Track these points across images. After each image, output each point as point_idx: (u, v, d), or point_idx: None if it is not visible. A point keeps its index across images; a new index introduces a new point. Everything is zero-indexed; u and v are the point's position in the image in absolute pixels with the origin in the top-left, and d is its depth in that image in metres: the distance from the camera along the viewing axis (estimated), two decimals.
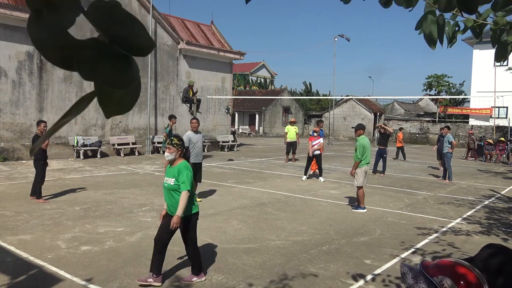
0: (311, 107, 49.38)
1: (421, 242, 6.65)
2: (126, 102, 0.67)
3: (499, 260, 1.35)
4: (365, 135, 9.05)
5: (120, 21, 0.60)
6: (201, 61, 22.47)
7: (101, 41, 0.61)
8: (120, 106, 0.67)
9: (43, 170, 8.66)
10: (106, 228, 6.88)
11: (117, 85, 0.63)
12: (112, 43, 0.61)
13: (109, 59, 0.61)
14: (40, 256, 5.43)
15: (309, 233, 6.95)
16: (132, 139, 19.02)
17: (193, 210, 4.76)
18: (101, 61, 0.60)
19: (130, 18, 0.61)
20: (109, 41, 0.61)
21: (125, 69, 0.62)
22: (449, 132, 13.64)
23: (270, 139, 35.65)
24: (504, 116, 30.42)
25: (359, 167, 8.67)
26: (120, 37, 0.61)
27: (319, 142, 12.88)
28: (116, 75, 0.61)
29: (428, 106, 51.31)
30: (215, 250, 5.93)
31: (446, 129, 13.94)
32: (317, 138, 12.97)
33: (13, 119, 15.37)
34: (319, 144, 12.84)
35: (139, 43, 0.62)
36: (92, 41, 0.61)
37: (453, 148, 13.41)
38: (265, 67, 62.65)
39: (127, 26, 0.61)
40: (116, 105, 0.67)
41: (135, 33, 0.61)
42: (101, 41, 0.61)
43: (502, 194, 11.52)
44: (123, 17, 0.60)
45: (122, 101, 0.66)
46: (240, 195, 10.01)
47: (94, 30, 0.60)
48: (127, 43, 0.61)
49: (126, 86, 0.63)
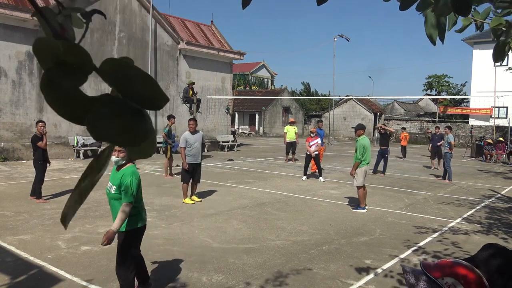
0: (311, 107, 49.39)
1: (421, 242, 6.65)
2: (147, 149, 0.71)
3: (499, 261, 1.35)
4: (365, 135, 9.04)
5: (133, 76, 0.60)
6: (201, 61, 22.47)
7: (114, 96, 0.61)
8: (143, 153, 0.71)
9: (43, 170, 8.66)
10: (106, 228, 6.84)
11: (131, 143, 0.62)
12: (125, 98, 0.61)
13: (122, 115, 0.60)
14: (40, 256, 5.43)
15: (309, 233, 6.95)
16: None
17: (137, 225, 4.15)
18: (115, 117, 0.59)
19: (143, 74, 0.61)
20: (122, 96, 0.61)
21: (138, 124, 0.61)
22: (449, 133, 13.63)
23: (270, 139, 35.65)
24: (504, 116, 30.40)
25: (359, 167, 8.66)
26: (133, 91, 0.61)
27: (316, 142, 12.90)
28: (129, 131, 0.61)
29: (428, 106, 51.30)
30: (215, 250, 5.93)
31: (437, 129, 13.97)
32: (314, 139, 12.98)
33: (13, 119, 15.37)
34: (316, 144, 12.86)
35: (153, 97, 0.62)
36: (105, 96, 0.61)
37: (452, 149, 13.40)
38: (265, 67, 62.66)
39: (140, 81, 0.61)
40: (138, 153, 0.71)
41: (148, 88, 0.61)
42: (114, 97, 0.61)
43: (502, 194, 11.52)
44: (136, 73, 0.60)
45: (144, 148, 0.70)
46: (240, 195, 10.01)
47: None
48: (140, 98, 0.61)
49: (141, 142, 0.62)
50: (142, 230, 4.27)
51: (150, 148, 0.70)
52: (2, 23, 14.80)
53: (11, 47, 15.18)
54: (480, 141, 23.54)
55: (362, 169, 8.65)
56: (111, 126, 0.59)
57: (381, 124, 16.30)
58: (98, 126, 0.59)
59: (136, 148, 0.69)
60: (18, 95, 15.48)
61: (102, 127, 0.59)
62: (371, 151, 8.96)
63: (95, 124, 0.59)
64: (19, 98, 15.50)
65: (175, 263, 5.34)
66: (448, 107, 38.02)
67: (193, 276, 4.94)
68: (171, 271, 5.07)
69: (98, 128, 0.59)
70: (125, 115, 0.60)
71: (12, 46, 15.21)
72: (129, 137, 0.61)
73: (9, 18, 14.75)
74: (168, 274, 4.96)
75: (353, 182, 8.96)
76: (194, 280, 4.82)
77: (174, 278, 4.88)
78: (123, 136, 0.60)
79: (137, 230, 4.19)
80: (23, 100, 15.61)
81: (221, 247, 6.05)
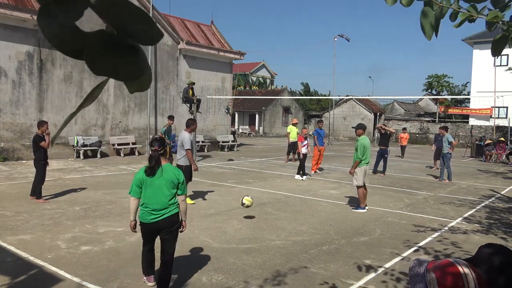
0: (311, 107, 49.41)
1: (421, 242, 6.65)
2: (144, 82, 0.72)
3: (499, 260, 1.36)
4: (365, 135, 9.05)
5: (127, 12, 0.60)
6: (201, 61, 22.47)
7: (109, 32, 0.61)
8: (141, 86, 0.72)
9: (43, 170, 8.65)
10: (106, 228, 6.88)
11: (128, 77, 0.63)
12: (120, 34, 0.61)
13: (118, 50, 0.61)
14: (40, 256, 5.43)
15: (309, 233, 6.95)
16: (132, 139, 19.01)
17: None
18: (109, 52, 0.60)
19: (137, 9, 0.61)
20: (117, 31, 0.62)
21: (133, 59, 0.62)
22: (446, 133, 13.65)
23: (270, 139, 35.65)
24: (504, 116, 30.41)
25: (359, 167, 8.66)
26: (127, 27, 0.61)
27: (307, 144, 13.12)
28: (126, 66, 0.62)
29: (428, 106, 51.33)
30: (215, 250, 5.93)
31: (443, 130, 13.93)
32: (304, 140, 13.12)
33: (13, 119, 15.36)
34: (306, 147, 13.10)
35: (147, 32, 0.63)
36: (100, 33, 0.61)
37: (453, 149, 13.40)
38: (265, 67, 62.68)
39: (134, 17, 0.61)
40: (137, 86, 0.72)
41: (143, 23, 0.62)
42: (109, 33, 0.61)
43: (502, 194, 11.52)
44: (129, 8, 0.60)
45: (142, 82, 0.71)
46: (240, 195, 9.98)
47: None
48: (134, 33, 0.62)
49: (138, 76, 0.63)
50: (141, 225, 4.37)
51: (148, 81, 0.72)
52: (2, 23, 14.80)
53: (11, 47, 15.18)
54: (480, 141, 23.54)
55: (361, 168, 8.65)
56: (108, 61, 0.61)
57: (381, 124, 16.31)
58: (95, 61, 0.60)
59: (135, 82, 0.70)
60: (18, 95, 15.48)
61: (99, 61, 0.60)
62: (371, 151, 8.96)
63: (92, 59, 0.60)
64: (19, 98, 15.50)
65: (175, 263, 5.33)
66: (448, 107, 38.04)
67: (193, 276, 4.94)
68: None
69: (95, 63, 0.60)
70: (120, 50, 0.61)
71: (12, 46, 15.20)
72: (125, 70, 0.62)
73: (9, 18, 14.75)
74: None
75: (352, 182, 8.96)
76: (194, 280, 4.82)
77: (174, 278, 4.88)
78: (120, 70, 0.62)
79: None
80: (23, 100, 15.61)
81: (221, 247, 6.05)
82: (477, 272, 1.34)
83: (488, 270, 1.36)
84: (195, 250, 5.86)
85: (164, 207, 4.21)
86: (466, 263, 1.37)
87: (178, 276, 4.93)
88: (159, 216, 4.19)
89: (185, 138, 8.34)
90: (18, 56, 15.42)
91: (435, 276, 1.35)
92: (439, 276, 1.35)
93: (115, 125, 18.75)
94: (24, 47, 15.49)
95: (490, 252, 1.39)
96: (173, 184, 4.24)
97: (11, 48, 15.19)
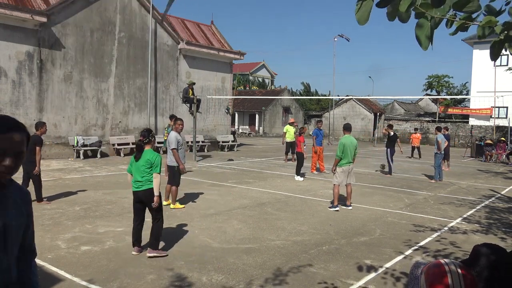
0: (311, 107, 49.41)
1: (421, 241, 6.65)
2: None
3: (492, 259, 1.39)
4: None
5: None
6: (201, 61, 22.48)
7: None
8: None
9: (38, 176, 8.46)
10: (106, 228, 6.88)
11: None
12: None
13: None
14: (40, 256, 5.42)
15: (309, 233, 6.95)
16: (132, 139, 19.00)
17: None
18: None
19: None
20: None
21: None
22: (439, 133, 13.69)
23: (270, 139, 35.65)
24: (504, 116, 30.43)
25: (339, 166, 8.75)
26: None
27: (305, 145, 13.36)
28: None
29: (428, 106, 51.34)
30: (215, 250, 5.93)
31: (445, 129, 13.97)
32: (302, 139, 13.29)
33: None
34: (305, 147, 13.33)
35: None
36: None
37: (440, 149, 13.35)
38: (265, 67, 62.71)
39: None
40: None
41: None
42: None
43: (502, 194, 11.52)
44: None
45: None
46: (240, 195, 10.01)
47: None
48: None
49: None
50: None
51: None
52: (2, 23, 14.81)
53: (11, 47, 15.18)
54: (480, 141, 23.54)
55: (342, 168, 8.74)
56: None
57: (385, 128, 16.38)
58: None
59: None
60: (18, 95, 15.48)
61: None
62: (356, 151, 8.90)
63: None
64: (19, 98, 15.50)
65: (175, 263, 5.34)
66: (448, 107, 38.05)
67: (193, 276, 4.94)
68: (171, 271, 5.07)
69: None
70: None
71: (12, 46, 15.21)
72: None
73: (9, 18, 14.75)
74: (168, 274, 4.96)
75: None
76: (194, 280, 4.82)
77: (174, 278, 4.88)
78: None
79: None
80: (23, 100, 15.61)
81: (221, 247, 6.05)
82: (467, 271, 1.37)
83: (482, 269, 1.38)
84: (195, 250, 5.87)
85: (141, 181, 5.51)
86: (457, 263, 1.40)
87: (178, 276, 4.93)
88: (138, 186, 5.55)
89: (171, 138, 8.37)
90: (18, 56, 15.42)
91: (424, 278, 1.42)
92: (426, 277, 1.42)
93: (115, 125, 18.75)
94: (24, 47, 15.49)
95: (483, 251, 1.42)
96: (149, 165, 5.50)
97: (11, 48, 15.19)
